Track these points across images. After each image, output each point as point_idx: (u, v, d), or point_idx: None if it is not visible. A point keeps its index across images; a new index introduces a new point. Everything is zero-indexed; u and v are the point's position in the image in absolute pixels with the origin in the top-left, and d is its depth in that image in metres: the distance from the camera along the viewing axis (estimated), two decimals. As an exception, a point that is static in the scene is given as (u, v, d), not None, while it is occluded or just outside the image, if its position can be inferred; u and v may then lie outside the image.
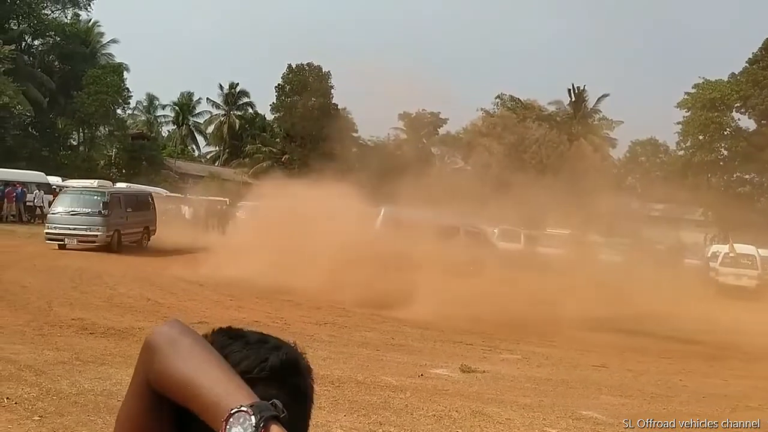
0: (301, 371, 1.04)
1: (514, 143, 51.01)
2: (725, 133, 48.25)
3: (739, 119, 48.39)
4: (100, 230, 21.03)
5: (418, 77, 66.08)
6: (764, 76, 45.06)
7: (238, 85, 64.80)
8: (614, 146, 56.69)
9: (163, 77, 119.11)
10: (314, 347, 9.31)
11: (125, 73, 49.78)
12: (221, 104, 64.82)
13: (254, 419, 0.84)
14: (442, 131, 60.09)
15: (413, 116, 58.55)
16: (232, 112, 64.43)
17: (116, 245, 21.57)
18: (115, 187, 26.19)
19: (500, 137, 52.43)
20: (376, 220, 21.19)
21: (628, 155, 60.23)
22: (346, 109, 55.75)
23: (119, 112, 51.50)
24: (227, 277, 15.96)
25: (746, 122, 48.26)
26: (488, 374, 9.00)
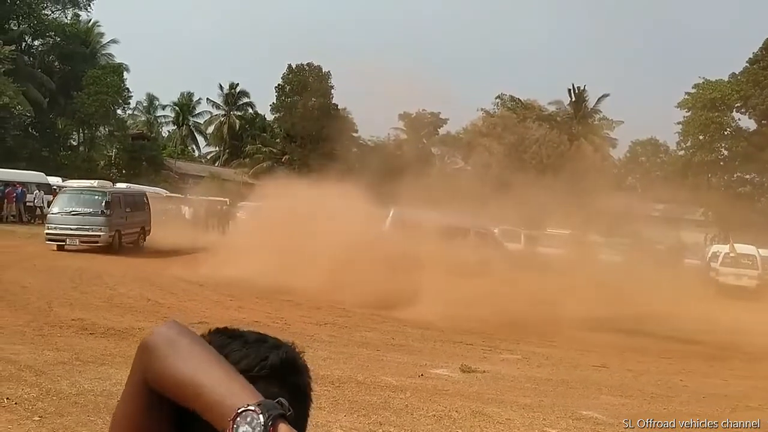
0: (300, 370, 1.04)
1: (514, 143, 51.00)
2: (725, 133, 48.24)
3: (739, 119, 48.45)
4: (102, 230, 20.72)
5: (418, 77, 66.18)
6: (765, 76, 45.04)
7: (238, 85, 64.96)
8: (614, 146, 56.77)
9: (163, 77, 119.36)
10: (314, 347, 9.31)
11: (125, 73, 49.88)
12: (221, 104, 64.89)
13: (263, 418, 0.83)
14: (442, 131, 60.14)
15: (413, 116, 58.55)
16: (232, 112, 64.45)
17: (117, 245, 21.37)
18: (115, 187, 26.06)
19: (500, 137, 52.42)
20: (385, 221, 21.22)
21: (628, 155, 60.30)
22: (346, 109, 55.85)
23: (119, 112, 51.56)
24: (227, 277, 15.96)
25: (746, 122, 48.33)
26: (488, 374, 9.00)
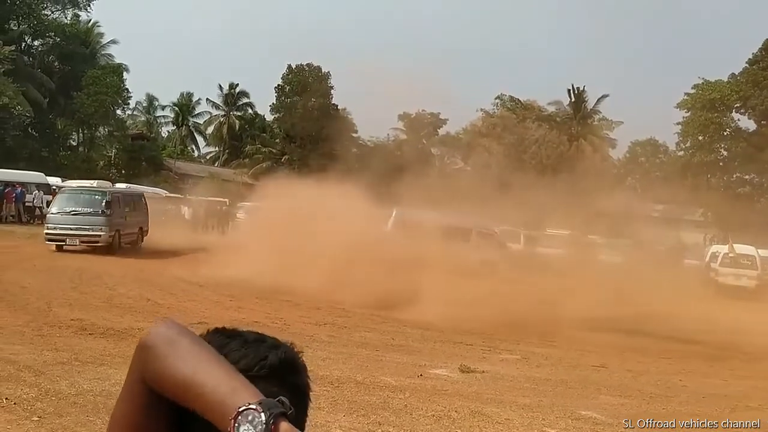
0: (299, 370, 1.04)
1: (513, 144, 51.07)
2: (725, 133, 48.29)
3: (738, 120, 48.49)
4: (103, 230, 20.48)
5: (418, 77, 66.01)
6: (764, 76, 45.06)
7: (237, 85, 64.92)
8: (614, 147, 56.86)
9: (162, 77, 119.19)
10: (314, 348, 9.31)
11: (125, 73, 49.87)
12: (221, 105, 64.88)
13: (264, 416, 0.83)
14: (441, 132, 60.19)
15: (413, 117, 58.58)
16: (231, 112, 64.45)
17: (117, 246, 21.20)
18: (114, 187, 25.99)
19: (500, 138, 52.50)
20: (387, 221, 21.21)
21: (627, 156, 60.31)
22: (345, 109, 55.86)
23: (119, 112, 51.55)
24: (227, 277, 15.95)
25: (746, 123, 48.37)
26: (487, 374, 9.00)
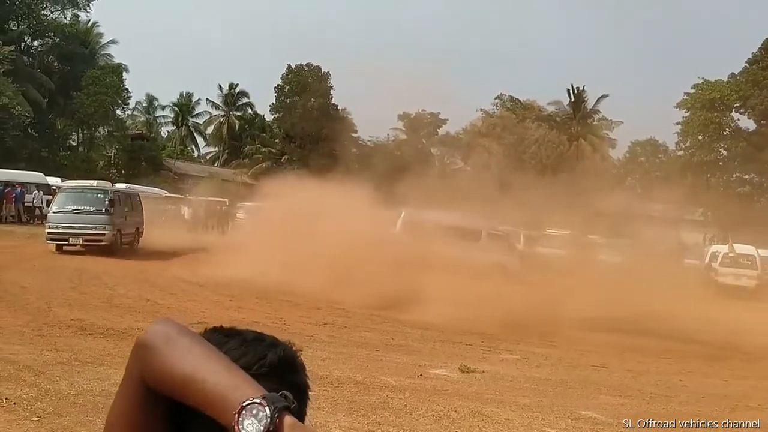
0: (298, 368, 1.04)
1: (513, 144, 51.09)
2: (725, 133, 48.33)
3: (738, 119, 48.57)
4: (106, 229, 20.16)
5: (418, 77, 66.00)
6: (764, 76, 45.10)
7: (237, 85, 64.95)
8: (614, 146, 56.93)
9: (162, 78, 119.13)
10: (313, 348, 9.31)
11: (124, 73, 49.88)
12: (221, 105, 64.90)
13: (269, 410, 0.84)
14: (441, 132, 60.22)
15: (413, 117, 58.62)
16: (231, 112, 64.45)
17: (119, 245, 20.97)
18: (114, 187, 25.90)
19: (500, 138, 52.52)
20: (396, 222, 21.17)
21: (627, 155, 60.36)
22: (345, 109, 55.88)
23: (118, 112, 51.57)
24: (227, 277, 15.95)
25: (746, 122, 48.45)
26: (487, 374, 8.99)
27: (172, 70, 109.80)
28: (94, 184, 22.87)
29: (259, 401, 0.85)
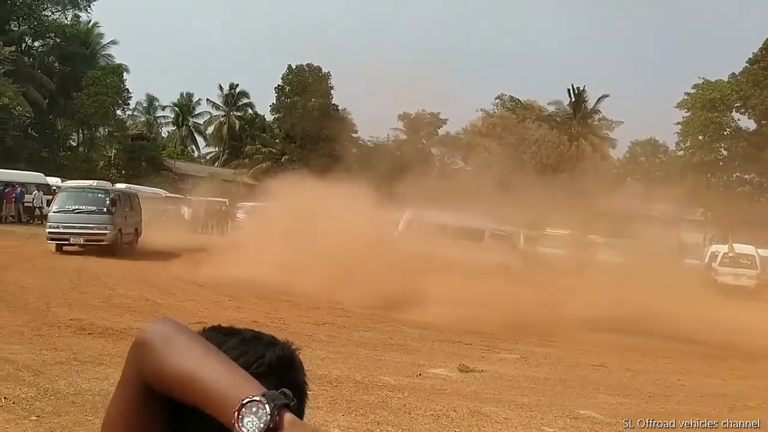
0: (297, 367, 1.05)
1: (513, 144, 51.08)
2: (725, 133, 48.31)
3: (738, 119, 48.56)
4: (108, 229, 19.96)
5: (417, 77, 66.00)
6: (764, 76, 45.07)
7: (237, 85, 64.97)
8: (614, 146, 56.89)
9: (163, 78, 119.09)
10: (312, 347, 9.31)
11: (125, 74, 49.88)
12: (221, 105, 64.91)
13: (269, 407, 0.84)
14: (441, 132, 60.22)
15: (413, 117, 58.63)
16: (231, 112, 64.46)
17: (120, 245, 20.83)
18: (114, 187, 25.83)
19: (500, 138, 52.51)
20: (399, 222, 21.16)
21: (627, 155, 60.35)
22: (345, 109, 55.89)
23: (119, 113, 51.58)
24: (227, 277, 15.94)
25: (746, 122, 48.43)
26: (486, 374, 9.00)
27: (172, 70, 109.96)
28: (93, 184, 22.80)
29: (259, 399, 0.85)
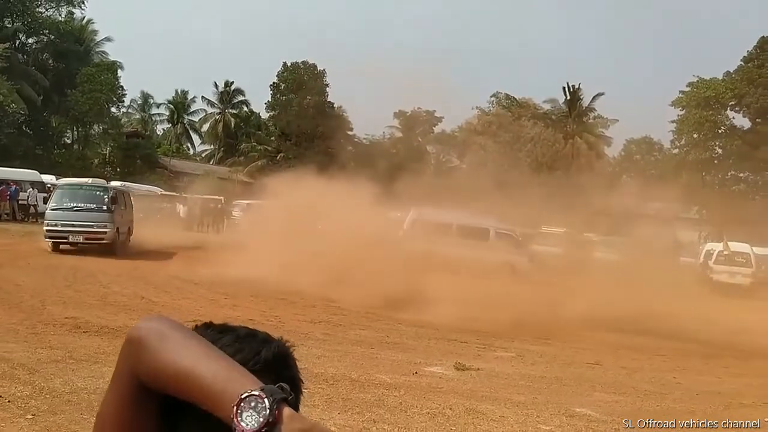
0: (291, 364, 1.05)
1: (509, 141, 51.12)
2: (720, 131, 48.43)
3: (733, 117, 48.70)
4: (108, 227, 19.57)
5: (417, 77, 65.89)
6: (759, 74, 45.20)
7: (233, 83, 64.84)
8: (609, 145, 57.01)
9: (157, 75, 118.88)
10: (308, 345, 9.31)
11: (119, 71, 49.72)
12: (216, 102, 64.75)
13: (267, 402, 0.84)
14: (437, 129, 60.21)
15: (409, 114, 58.61)
16: (227, 110, 64.33)
17: (118, 244, 20.51)
18: (110, 184, 25.62)
19: (495, 136, 52.54)
20: (404, 221, 21.14)
21: (623, 154, 60.46)
22: (341, 107, 55.84)
23: (113, 110, 51.48)
24: (222, 275, 15.93)
25: (741, 120, 48.56)
26: (482, 372, 9.01)
27: (166, 68, 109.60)
28: (89, 181, 22.59)
29: (257, 393, 0.85)
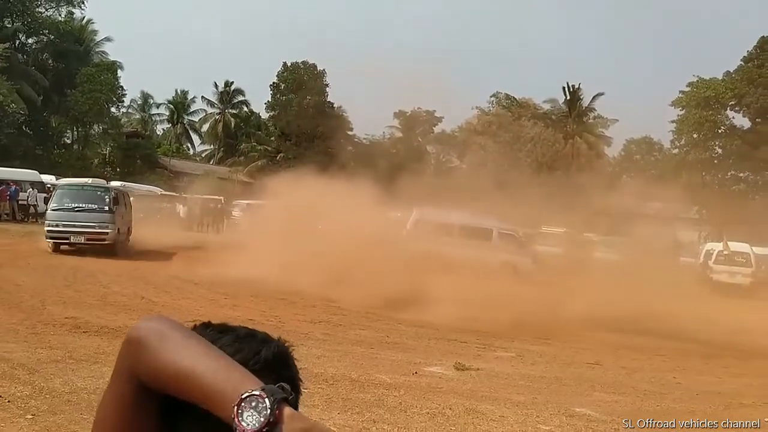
0: (291, 364, 1.05)
1: (509, 141, 51.10)
2: (719, 131, 48.42)
3: (733, 117, 48.68)
4: (109, 227, 19.45)
5: (417, 77, 65.86)
6: (759, 74, 45.19)
7: (233, 83, 64.80)
8: (609, 144, 56.98)
9: (157, 76, 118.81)
10: (308, 345, 9.31)
11: (119, 71, 49.69)
12: (216, 102, 64.73)
13: (268, 401, 0.84)
14: (437, 129, 60.19)
15: (408, 114, 58.60)
16: (227, 110, 64.31)
17: (120, 244, 20.44)
18: (109, 184, 25.56)
19: (495, 136, 52.53)
20: (407, 221, 21.14)
21: (623, 153, 60.45)
22: (341, 107, 55.82)
23: (113, 110, 51.43)
24: (222, 275, 15.93)
25: (741, 120, 48.54)
26: (482, 372, 9.01)
27: (166, 68, 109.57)
28: (89, 182, 22.51)
29: (258, 393, 0.85)
